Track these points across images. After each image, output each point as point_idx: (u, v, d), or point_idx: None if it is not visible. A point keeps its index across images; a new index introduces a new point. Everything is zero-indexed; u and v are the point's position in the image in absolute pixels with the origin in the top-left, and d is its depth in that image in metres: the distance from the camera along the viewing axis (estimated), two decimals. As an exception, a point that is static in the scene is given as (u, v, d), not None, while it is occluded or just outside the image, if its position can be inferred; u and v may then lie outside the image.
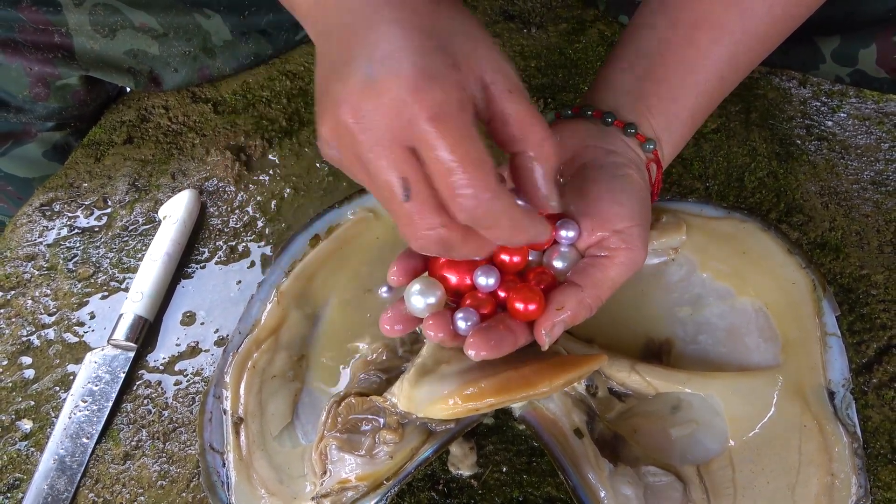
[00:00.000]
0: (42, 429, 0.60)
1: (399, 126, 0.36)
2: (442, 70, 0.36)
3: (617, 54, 0.53)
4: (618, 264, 0.44)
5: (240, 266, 0.67)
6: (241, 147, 0.75)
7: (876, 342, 0.60)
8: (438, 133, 0.35)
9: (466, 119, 0.36)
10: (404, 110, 0.35)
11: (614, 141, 0.49)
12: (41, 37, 0.70)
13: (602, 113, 0.49)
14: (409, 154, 0.36)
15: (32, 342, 0.65)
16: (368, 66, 0.36)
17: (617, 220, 0.45)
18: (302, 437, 0.56)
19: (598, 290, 0.44)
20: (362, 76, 0.36)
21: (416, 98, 0.35)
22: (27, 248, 0.70)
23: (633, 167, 0.48)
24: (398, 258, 0.46)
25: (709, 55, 0.49)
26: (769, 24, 0.49)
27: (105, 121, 0.79)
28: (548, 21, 0.83)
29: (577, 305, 0.43)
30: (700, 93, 0.50)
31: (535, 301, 0.43)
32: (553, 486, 0.55)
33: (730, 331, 0.57)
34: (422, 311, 0.44)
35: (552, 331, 0.43)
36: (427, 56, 0.36)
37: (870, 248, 0.65)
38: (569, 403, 0.53)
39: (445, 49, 0.37)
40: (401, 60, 0.36)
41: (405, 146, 0.36)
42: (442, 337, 0.43)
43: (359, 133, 0.36)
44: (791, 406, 0.52)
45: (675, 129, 0.50)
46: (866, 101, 0.75)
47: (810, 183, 0.69)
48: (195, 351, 0.63)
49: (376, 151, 0.36)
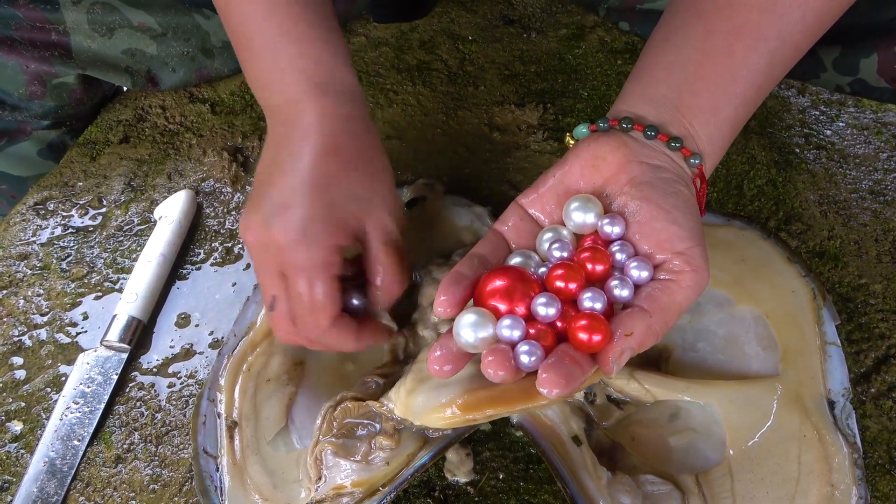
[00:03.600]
0: (33, 430, 0.60)
1: (277, 262, 0.49)
2: (320, 237, 0.47)
3: (649, 64, 0.51)
4: (685, 288, 0.42)
5: (235, 268, 0.67)
6: (238, 148, 0.75)
7: (874, 352, 0.60)
8: (301, 279, 0.48)
9: (326, 274, 0.48)
10: (283, 255, 0.48)
11: (658, 156, 0.46)
12: (38, 34, 0.70)
13: (644, 126, 0.47)
14: (281, 280, 0.49)
15: (24, 342, 0.64)
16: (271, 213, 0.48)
17: (677, 242, 0.43)
18: (297, 442, 0.55)
19: (665, 315, 0.42)
20: (264, 218, 0.48)
21: (292, 253, 0.47)
22: (20, 246, 0.70)
23: (683, 183, 0.46)
24: (443, 286, 0.43)
25: (748, 64, 0.47)
26: (802, 32, 0.48)
27: (101, 120, 0.78)
28: (548, 26, 0.83)
29: (646, 331, 0.41)
30: (740, 103, 0.48)
31: (600, 331, 0.40)
32: (550, 494, 0.55)
33: (729, 339, 0.56)
34: (474, 345, 0.41)
35: (620, 357, 0.40)
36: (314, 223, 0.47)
37: (868, 258, 0.65)
38: (567, 410, 0.53)
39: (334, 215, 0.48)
40: (291, 219, 0.47)
41: (280, 273, 0.49)
42: (503, 375, 0.40)
43: (254, 253, 0.51)
44: (790, 415, 0.51)
45: (717, 141, 0.48)
46: (865, 111, 0.75)
47: (809, 191, 0.69)
48: (189, 353, 0.63)
49: (260, 270, 0.50)
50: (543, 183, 0.48)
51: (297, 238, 0.47)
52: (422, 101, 0.77)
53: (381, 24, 0.83)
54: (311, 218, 0.48)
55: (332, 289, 0.48)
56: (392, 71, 0.80)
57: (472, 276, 0.43)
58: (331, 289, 0.48)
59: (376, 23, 0.83)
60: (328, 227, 0.48)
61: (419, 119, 0.76)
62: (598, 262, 0.43)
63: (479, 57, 0.81)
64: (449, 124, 0.76)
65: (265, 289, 0.50)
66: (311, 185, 0.48)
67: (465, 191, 0.68)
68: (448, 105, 0.77)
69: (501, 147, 0.74)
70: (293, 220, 0.47)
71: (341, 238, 0.49)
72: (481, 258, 0.45)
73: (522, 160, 0.72)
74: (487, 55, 0.81)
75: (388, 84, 0.79)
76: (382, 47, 0.82)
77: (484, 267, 0.45)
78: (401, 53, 0.81)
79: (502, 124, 0.75)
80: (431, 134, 0.75)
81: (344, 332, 0.50)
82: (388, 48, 0.82)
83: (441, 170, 0.72)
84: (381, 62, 0.81)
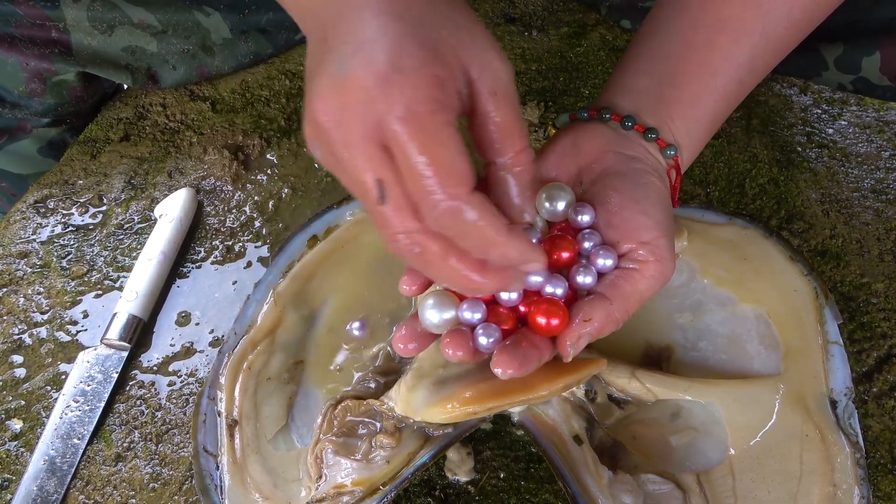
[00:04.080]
0: (32, 429, 0.59)
1: (370, 124, 0.34)
2: (416, 63, 0.34)
3: (633, 55, 0.51)
4: (647, 277, 0.43)
5: (236, 266, 0.67)
6: (239, 146, 0.75)
7: (876, 351, 0.60)
8: (408, 134, 0.34)
9: (440, 119, 0.34)
10: (374, 107, 0.34)
11: (634, 146, 0.47)
12: (38, 32, 0.70)
13: (621, 116, 0.47)
14: (383, 153, 0.35)
15: (24, 340, 0.64)
16: (341, 60, 0.35)
17: (643, 231, 0.43)
18: (297, 441, 0.55)
19: (626, 303, 0.42)
20: (334, 71, 0.35)
21: (385, 94, 0.33)
22: (20, 245, 0.69)
23: (656, 174, 0.46)
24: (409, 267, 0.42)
25: (729, 58, 0.48)
26: (787, 28, 0.48)
27: (102, 118, 0.78)
28: (549, 24, 0.83)
29: (605, 318, 0.42)
30: (720, 97, 0.48)
31: (557, 315, 0.41)
32: (551, 493, 0.54)
33: (730, 338, 0.56)
34: (437, 326, 0.42)
35: (577, 342, 0.41)
36: (403, 46, 0.34)
37: (870, 257, 0.65)
38: (568, 409, 0.53)
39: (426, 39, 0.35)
40: (373, 51, 0.34)
41: (380, 144, 0.35)
42: (461, 356, 0.40)
43: (332, 131, 0.35)
44: (792, 415, 0.51)
45: (694, 134, 0.49)
46: (867, 110, 0.75)
47: (811, 190, 0.69)
48: (190, 352, 0.62)
49: (351, 150, 0.35)
50: None
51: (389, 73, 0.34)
52: (423, 99, 0.77)
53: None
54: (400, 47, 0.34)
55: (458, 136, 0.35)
56: (393, 69, 0.79)
57: None
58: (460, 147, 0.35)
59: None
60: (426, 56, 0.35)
61: (420, 117, 0.76)
62: (564, 250, 0.43)
63: (480, 55, 0.81)
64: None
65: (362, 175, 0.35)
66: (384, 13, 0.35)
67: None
68: (449, 103, 0.77)
69: (502, 145, 0.73)
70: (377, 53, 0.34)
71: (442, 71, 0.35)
72: None
73: (523, 158, 0.72)
74: (488, 53, 0.81)
75: (389, 82, 0.78)
76: (383, 45, 0.82)
77: None
78: (402, 51, 0.81)
79: (503, 122, 0.75)
80: (432, 132, 0.75)
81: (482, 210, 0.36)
82: (388, 46, 0.82)
83: (442, 168, 0.72)
84: (382, 60, 0.80)
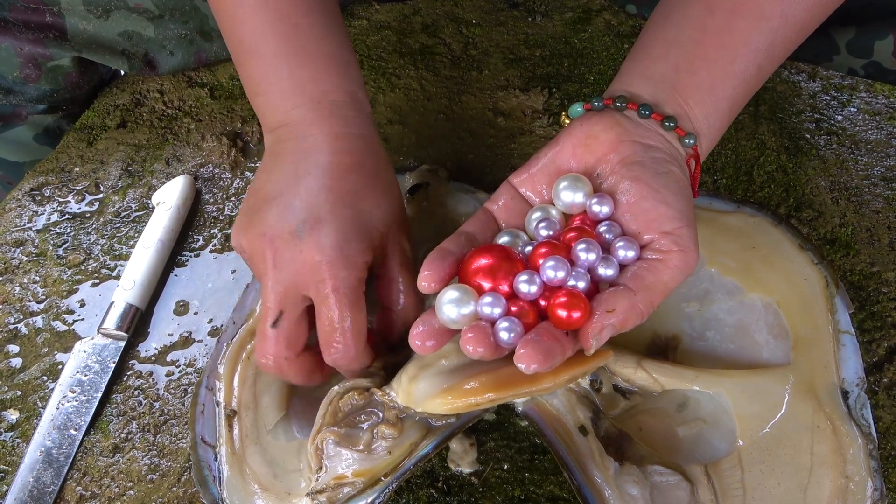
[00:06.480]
0: (29, 419, 0.59)
1: (305, 280, 0.46)
2: (355, 252, 0.46)
3: (647, 41, 0.50)
4: (671, 268, 0.42)
5: (235, 255, 0.66)
6: (237, 133, 0.74)
7: (887, 340, 0.59)
8: (335, 301, 0.46)
9: (359, 294, 0.47)
10: (317, 273, 0.46)
11: (651, 135, 0.46)
12: (32, 16, 0.68)
13: (638, 105, 0.46)
14: (297, 298, 0.47)
15: (20, 330, 0.63)
16: (300, 225, 0.46)
17: (665, 222, 0.42)
18: (297, 431, 0.54)
19: (650, 294, 0.41)
20: (292, 229, 0.46)
21: (330, 272, 0.46)
22: (16, 233, 0.68)
23: (675, 163, 0.45)
24: (428, 261, 0.43)
25: (748, 43, 0.46)
26: (806, 10, 0.47)
27: (98, 104, 0.77)
28: (553, 9, 0.82)
29: (629, 310, 0.40)
30: (738, 83, 0.47)
31: (579, 308, 0.40)
32: (556, 485, 0.54)
33: (739, 327, 0.55)
34: (456, 321, 0.41)
35: (600, 334, 0.40)
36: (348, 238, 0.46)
37: (880, 245, 0.64)
38: (573, 399, 0.52)
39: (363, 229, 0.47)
40: (327, 234, 0.46)
41: (300, 293, 0.47)
42: (482, 352, 0.40)
43: (271, 266, 0.47)
44: (803, 405, 0.50)
45: (713, 121, 0.47)
46: (877, 96, 0.74)
47: (820, 178, 0.68)
48: (188, 341, 0.62)
49: (276, 285, 0.47)
50: (535, 162, 0.47)
51: (335, 257, 0.46)
52: (424, 85, 0.76)
53: (382, 4, 0.82)
54: (346, 237, 0.46)
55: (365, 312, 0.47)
56: (394, 55, 0.78)
57: (457, 253, 0.43)
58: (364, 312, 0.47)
59: (378, 4, 0.82)
60: (363, 247, 0.47)
61: (422, 104, 0.75)
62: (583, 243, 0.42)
63: (482, 41, 0.79)
64: (452, 109, 0.74)
65: (271, 303, 0.47)
66: (341, 199, 0.47)
67: (468, 177, 0.67)
68: (451, 89, 0.76)
69: (506, 132, 0.72)
70: (329, 237, 0.46)
71: (370, 257, 0.48)
72: (469, 236, 0.45)
73: (527, 146, 0.71)
74: (491, 39, 0.79)
75: (391, 68, 0.77)
76: (384, 31, 0.80)
77: (471, 244, 0.44)
78: (403, 37, 0.80)
79: (507, 109, 0.74)
80: (434, 119, 0.74)
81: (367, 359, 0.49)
82: (390, 32, 0.80)
83: (444, 155, 0.71)
84: (384, 46, 0.79)
